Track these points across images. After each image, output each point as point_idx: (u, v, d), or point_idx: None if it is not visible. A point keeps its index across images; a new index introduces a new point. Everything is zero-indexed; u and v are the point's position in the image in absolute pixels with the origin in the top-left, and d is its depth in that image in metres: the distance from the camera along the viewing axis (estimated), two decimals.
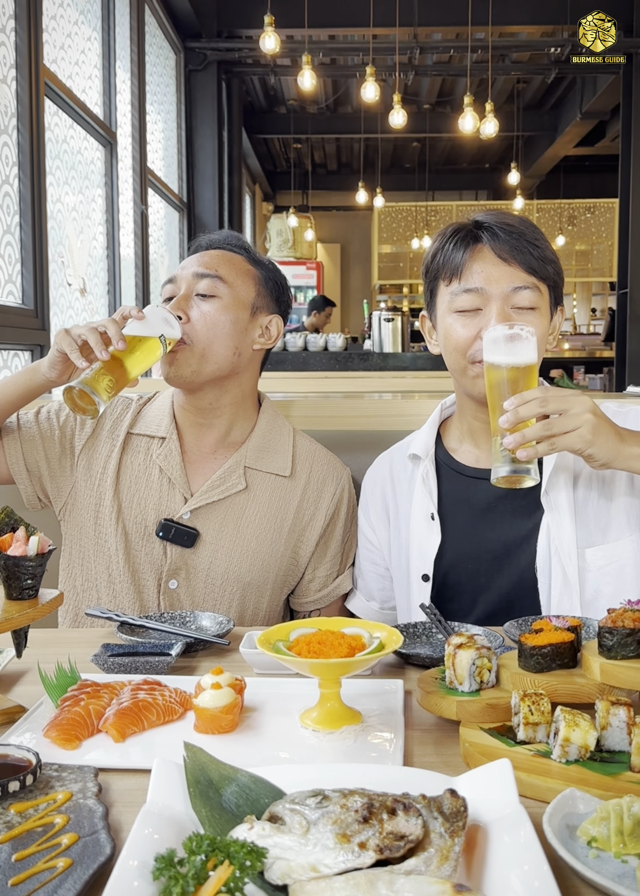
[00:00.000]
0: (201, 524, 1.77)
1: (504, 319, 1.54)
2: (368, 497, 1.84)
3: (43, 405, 1.88)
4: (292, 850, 0.78)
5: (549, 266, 1.60)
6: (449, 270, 1.61)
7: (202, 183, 8.98)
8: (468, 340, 1.58)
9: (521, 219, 1.64)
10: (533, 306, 1.57)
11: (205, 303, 1.76)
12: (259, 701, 1.21)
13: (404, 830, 0.78)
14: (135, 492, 1.79)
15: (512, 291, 1.56)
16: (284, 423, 1.92)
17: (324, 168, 15.90)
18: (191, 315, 1.74)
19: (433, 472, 1.73)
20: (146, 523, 1.77)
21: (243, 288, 1.81)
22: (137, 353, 1.58)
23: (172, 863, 0.73)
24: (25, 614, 1.13)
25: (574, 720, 0.97)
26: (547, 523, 1.61)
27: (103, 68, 6.06)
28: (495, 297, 1.56)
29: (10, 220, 4.31)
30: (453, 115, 9.80)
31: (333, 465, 1.89)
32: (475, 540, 1.67)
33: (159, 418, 1.85)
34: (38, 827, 0.87)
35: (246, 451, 1.82)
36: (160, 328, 1.62)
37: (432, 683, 1.16)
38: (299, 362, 9.16)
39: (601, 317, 14.86)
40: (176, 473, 1.78)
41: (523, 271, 1.57)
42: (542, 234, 1.64)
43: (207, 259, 1.80)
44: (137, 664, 1.31)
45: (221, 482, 1.78)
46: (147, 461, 1.81)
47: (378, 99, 7.48)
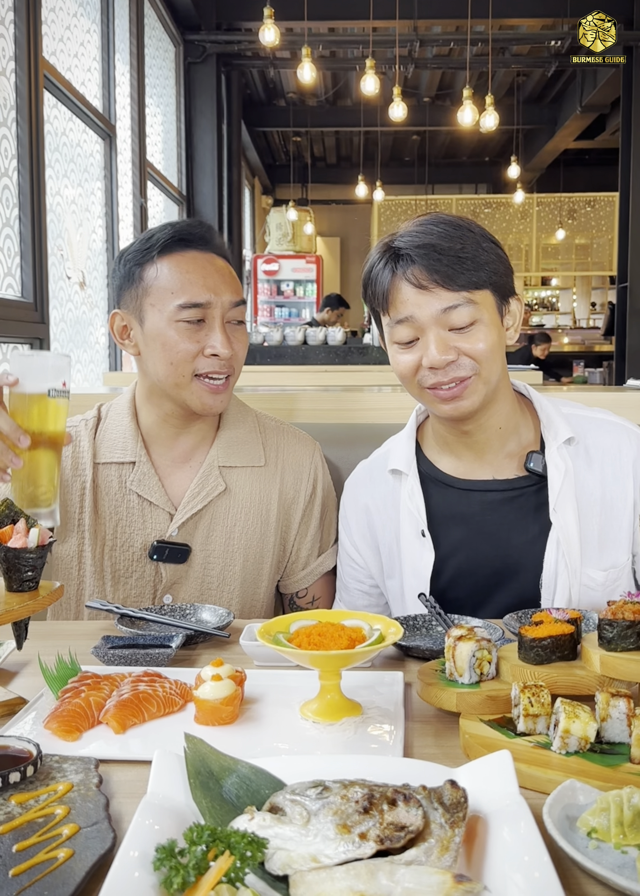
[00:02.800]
0: (190, 536, 1.75)
1: (443, 348, 1.50)
2: (349, 517, 1.78)
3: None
4: (293, 840, 0.78)
5: (481, 272, 1.51)
6: (379, 302, 1.58)
7: (201, 176, 8.96)
8: (412, 369, 1.55)
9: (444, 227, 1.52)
10: (472, 321, 1.50)
11: (239, 331, 1.73)
12: (259, 693, 1.21)
13: (404, 821, 0.78)
14: (116, 522, 1.76)
15: (443, 313, 1.50)
16: (247, 409, 1.89)
17: (323, 161, 15.87)
18: (233, 345, 1.70)
19: (419, 486, 1.68)
20: (133, 549, 1.75)
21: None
22: (47, 425, 1.33)
23: (173, 853, 0.73)
24: (26, 606, 1.13)
25: (574, 712, 0.97)
26: (557, 539, 1.59)
27: (102, 61, 6.04)
28: (427, 325, 1.51)
29: (9, 212, 4.30)
30: (453, 108, 9.78)
31: (303, 442, 1.88)
32: (472, 555, 1.64)
33: (123, 441, 1.78)
34: (39, 818, 0.87)
35: (217, 450, 1.79)
36: (44, 381, 1.33)
37: (432, 675, 1.16)
38: (299, 356, 9.15)
39: (601, 311, 14.86)
40: (155, 495, 1.74)
41: (447, 291, 1.49)
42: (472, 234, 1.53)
43: (229, 280, 1.72)
44: (138, 656, 1.31)
45: (200, 489, 1.75)
46: (122, 489, 1.76)
47: (378, 92, 7.47)
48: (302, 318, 13.20)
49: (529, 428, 1.68)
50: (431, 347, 1.50)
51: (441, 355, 1.50)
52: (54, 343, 4.92)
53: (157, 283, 1.67)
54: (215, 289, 1.68)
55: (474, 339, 1.51)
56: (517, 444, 1.66)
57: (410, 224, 1.57)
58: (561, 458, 1.61)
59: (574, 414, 1.68)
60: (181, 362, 1.67)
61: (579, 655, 1.14)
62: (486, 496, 1.64)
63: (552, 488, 1.59)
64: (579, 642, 1.15)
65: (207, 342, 1.67)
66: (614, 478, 1.62)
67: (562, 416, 1.66)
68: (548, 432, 1.64)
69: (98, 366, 5.93)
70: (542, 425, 1.66)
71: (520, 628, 1.14)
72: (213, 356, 1.67)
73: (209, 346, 1.67)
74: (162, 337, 1.67)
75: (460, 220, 1.56)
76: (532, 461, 1.62)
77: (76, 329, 5.44)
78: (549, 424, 1.65)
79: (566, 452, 1.62)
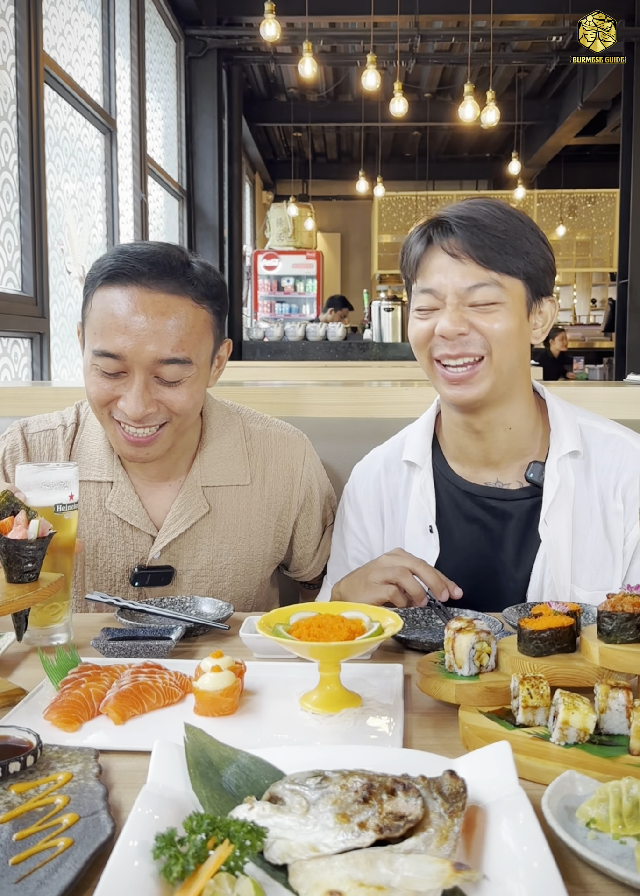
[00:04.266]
0: (175, 557, 1.68)
1: (457, 319, 1.48)
2: (359, 498, 1.75)
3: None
4: (292, 829, 0.78)
5: (518, 260, 1.49)
6: (410, 269, 1.57)
7: (202, 171, 8.96)
8: (425, 337, 1.53)
9: (492, 208, 1.52)
10: (493, 302, 1.48)
11: (176, 389, 1.53)
12: (259, 684, 1.21)
13: (403, 810, 0.78)
14: (96, 542, 1.68)
15: (467, 290, 1.49)
16: (232, 417, 1.77)
17: (324, 157, 15.85)
18: (161, 400, 1.52)
19: (431, 482, 1.66)
20: (115, 570, 1.68)
21: (205, 352, 1.58)
22: (57, 541, 1.31)
23: (173, 842, 0.73)
24: (26, 597, 1.13)
25: (573, 703, 0.97)
26: (544, 555, 1.57)
27: (103, 55, 6.03)
28: (447, 296, 1.50)
29: (9, 207, 4.30)
30: (454, 103, 9.76)
31: (291, 444, 1.78)
32: (473, 557, 1.63)
33: (99, 458, 1.68)
34: (38, 807, 0.87)
35: (199, 468, 1.69)
36: (50, 496, 1.34)
37: (431, 667, 1.16)
38: (299, 352, 9.17)
39: (601, 307, 14.86)
40: (136, 517, 1.66)
41: (478, 267, 1.48)
42: (520, 223, 1.52)
43: (164, 330, 1.48)
44: (138, 648, 1.31)
45: (182, 510, 1.66)
46: (101, 509, 1.67)
47: (379, 87, 7.47)
48: (302, 313, 13.20)
49: (540, 434, 1.64)
50: (446, 317, 1.50)
51: (454, 325, 1.49)
52: (54, 338, 4.92)
53: (90, 315, 1.55)
54: (136, 343, 1.47)
55: (492, 318, 1.49)
56: (526, 448, 1.63)
57: (450, 206, 1.57)
58: (559, 470, 1.58)
59: (589, 426, 1.63)
60: (96, 403, 1.55)
61: (578, 648, 1.14)
62: (488, 502, 1.63)
63: (544, 501, 1.57)
64: (578, 635, 1.15)
65: (122, 392, 1.51)
66: (613, 497, 1.58)
67: (574, 426, 1.61)
68: (554, 441, 1.60)
69: None
70: (550, 433, 1.62)
71: (519, 620, 1.14)
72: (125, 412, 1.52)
73: (123, 398, 1.51)
74: (85, 374, 1.57)
75: (513, 209, 1.56)
76: (532, 471, 1.60)
77: (76, 324, 5.44)
78: (556, 433, 1.61)
79: (569, 465, 1.59)
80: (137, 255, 1.52)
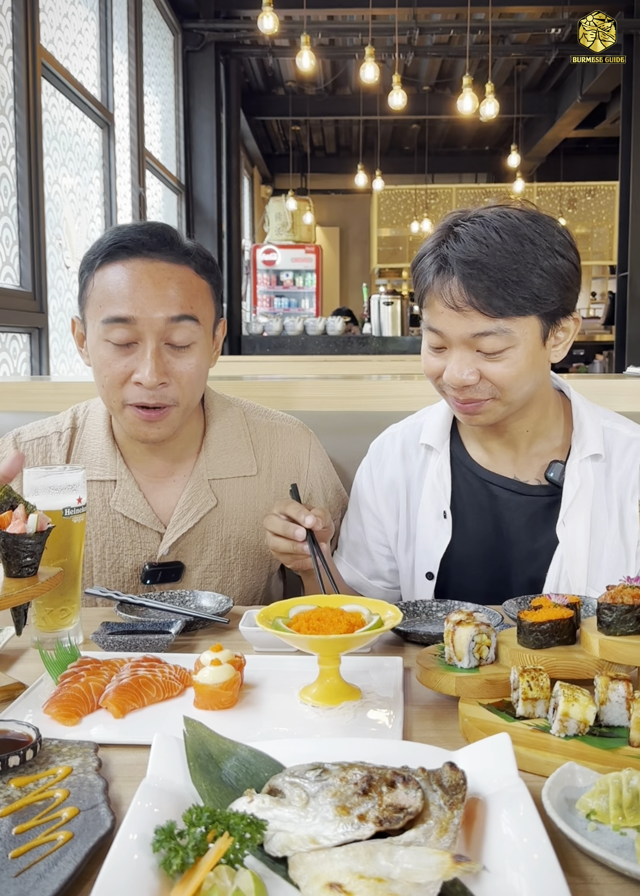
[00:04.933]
0: (184, 553, 1.68)
1: (464, 369, 1.45)
2: (375, 476, 1.73)
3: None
4: (292, 822, 0.78)
5: (529, 299, 1.41)
6: (418, 299, 1.53)
7: (200, 165, 8.94)
8: (436, 373, 1.52)
9: (506, 235, 1.41)
10: (503, 348, 1.43)
11: (184, 356, 1.55)
12: (259, 678, 1.21)
13: (403, 803, 0.78)
14: (103, 543, 1.67)
15: (473, 337, 1.43)
16: (234, 410, 1.77)
17: (323, 151, 15.82)
18: (171, 372, 1.54)
19: (448, 468, 1.65)
20: (124, 570, 1.68)
21: (209, 318, 1.61)
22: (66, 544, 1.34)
23: (172, 835, 0.73)
24: (25, 591, 1.13)
25: (573, 695, 0.97)
26: (561, 556, 1.56)
27: (100, 49, 6.02)
28: (454, 343, 1.46)
29: (7, 202, 4.29)
30: (453, 97, 9.73)
31: (296, 436, 1.78)
32: (486, 545, 1.62)
33: (101, 457, 1.67)
34: (38, 801, 0.87)
35: (205, 461, 1.69)
36: (59, 500, 1.34)
37: (431, 660, 1.16)
38: (298, 346, 9.16)
39: (601, 300, 14.81)
40: (142, 515, 1.65)
41: (482, 316, 1.41)
42: (533, 245, 1.41)
43: (171, 293, 1.52)
44: (137, 642, 1.31)
45: (189, 505, 1.66)
46: (106, 508, 1.67)
47: (377, 80, 7.44)
48: (301, 308, 13.19)
49: (562, 433, 1.63)
50: (452, 366, 1.47)
51: (461, 377, 1.46)
52: (53, 333, 4.92)
53: (93, 294, 1.56)
54: (145, 303, 1.50)
55: (501, 364, 1.45)
56: (546, 447, 1.62)
57: (476, 215, 1.45)
58: (580, 472, 1.56)
59: (612, 428, 1.61)
60: (109, 387, 1.55)
61: (578, 640, 1.14)
62: (504, 493, 1.62)
63: (563, 503, 1.56)
64: (578, 627, 1.14)
65: (136, 366, 1.53)
66: (631, 501, 1.56)
67: (598, 429, 1.59)
68: (576, 443, 1.59)
69: None
70: (573, 434, 1.60)
71: (519, 613, 1.14)
72: (138, 384, 1.52)
73: (136, 371, 1.52)
74: (94, 355, 1.57)
75: (529, 226, 1.43)
76: (553, 470, 1.58)
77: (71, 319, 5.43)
78: (579, 434, 1.59)
79: (590, 467, 1.57)
80: (135, 229, 1.56)
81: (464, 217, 1.47)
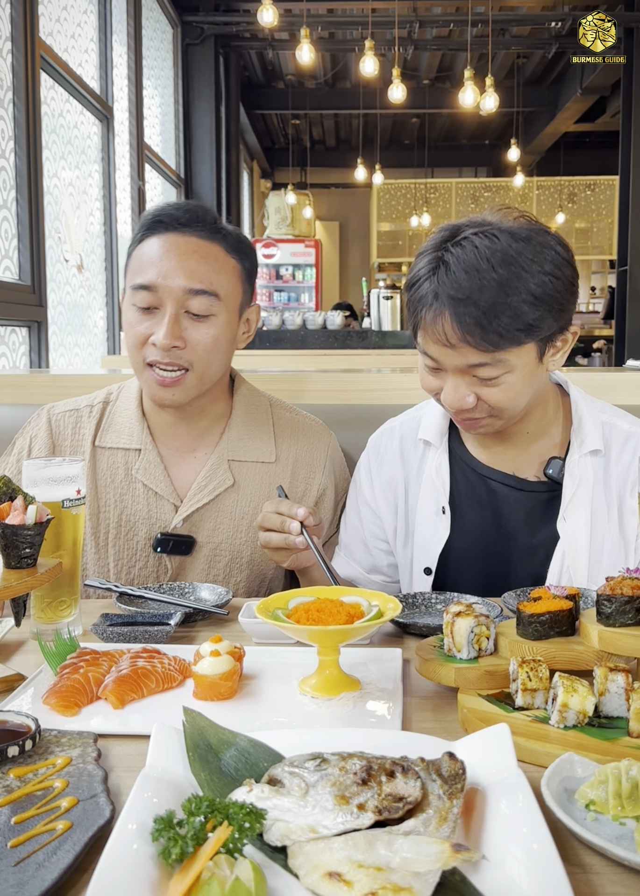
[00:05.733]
0: (196, 528, 1.72)
1: (461, 393, 1.45)
2: (373, 472, 1.74)
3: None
4: (291, 811, 0.78)
5: (523, 329, 1.38)
6: (412, 324, 1.50)
7: (200, 159, 8.92)
8: (435, 390, 1.51)
9: (497, 262, 1.37)
10: (499, 375, 1.42)
11: (202, 325, 1.63)
12: (258, 669, 1.21)
13: (402, 792, 0.78)
14: (122, 510, 1.73)
15: (469, 367, 1.42)
16: (261, 399, 1.83)
17: (322, 144, 15.80)
18: (187, 338, 1.62)
19: (447, 463, 1.65)
20: (138, 538, 1.72)
21: (234, 295, 1.68)
22: (65, 535, 1.35)
23: (171, 824, 0.73)
24: (24, 583, 1.12)
25: (573, 686, 0.97)
26: (563, 552, 1.56)
27: (100, 42, 6.00)
28: (449, 370, 1.46)
29: (6, 195, 4.28)
30: (453, 90, 9.73)
31: (318, 436, 1.83)
32: (484, 541, 1.62)
33: (129, 427, 1.75)
34: (37, 791, 0.87)
35: (227, 442, 1.75)
36: (58, 491, 1.34)
37: (430, 651, 1.16)
38: (297, 340, 9.14)
39: (601, 295, 14.80)
40: (161, 485, 1.71)
41: (475, 351, 1.39)
42: (526, 273, 1.37)
43: (193, 265, 1.61)
44: (137, 633, 1.31)
45: (207, 482, 1.72)
46: (128, 477, 1.73)
47: (377, 73, 7.42)
48: (301, 302, 13.17)
49: (560, 429, 1.63)
50: (448, 392, 1.46)
51: (458, 402, 1.46)
52: (52, 326, 4.91)
53: (130, 263, 1.68)
54: (167, 273, 1.60)
55: (498, 389, 1.44)
56: (545, 444, 1.62)
57: (466, 238, 1.40)
58: (580, 468, 1.56)
59: (611, 423, 1.61)
60: (132, 347, 1.65)
61: (577, 631, 1.14)
62: (503, 488, 1.62)
63: (564, 498, 1.56)
64: (577, 618, 1.14)
65: (154, 329, 1.62)
66: (630, 496, 1.56)
67: (598, 424, 1.59)
68: (576, 439, 1.58)
69: (97, 349, 5.92)
70: (572, 429, 1.60)
71: (518, 604, 1.14)
72: (154, 345, 1.61)
73: (154, 335, 1.62)
74: (124, 319, 1.68)
75: (520, 252, 1.38)
76: (551, 467, 1.58)
77: (74, 312, 5.43)
78: (579, 430, 1.59)
79: (589, 463, 1.57)
80: (173, 206, 1.69)
81: (454, 238, 1.42)
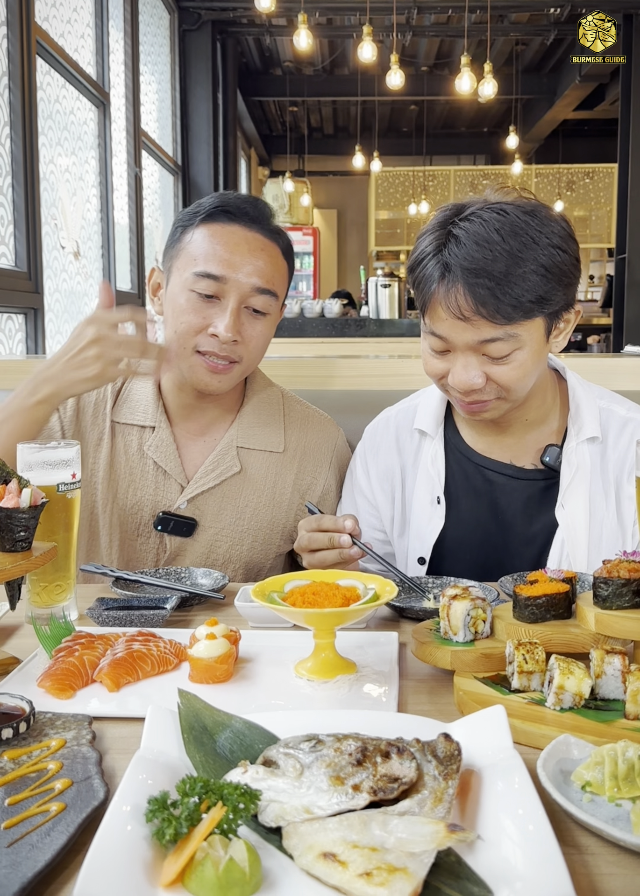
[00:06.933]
0: (199, 511, 1.73)
1: (471, 374, 1.44)
2: (369, 461, 1.74)
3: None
4: (286, 792, 0.78)
5: (535, 301, 1.39)
6: (419, 303, 1.49)
7: (197, 146, 8.87)
8: (439, 375, 1.51)
9: (507, 235, 1.37)
10: (510, 351, 1.43)
11: (258, 323, 1.66)
12: (254, 653, 1.20)
13: (397, 773, 0.78)
14: (129, 483, 1.74)
15: (480, 343, 1.42)
16: (273, 390, 1.85)
17: (320, 132, 15.72)
18: (243, 333, 1.63)
19: (442, 453, 1.65)
20: (142, 514, 1.73)
21: (282, 297, 1.72)
22: (61, 520, 1.34)
23: (166, 805, 0.73)
24: (19, 566, 1.12)
25: (569, 668, 0.97)
26: (562, 539, 1.55)
27: (96, 27, 5.96)
28: (460, 348, 1.45)
29: (1, 181, 4.25)
30: (452, 77, 9.64)
31: (326, 430, 1.85)
32: (481, 530, 1.61)
33: (145, 405, 1.76)
34: (31, 773, 0.86)
35: (237, 429, 1.77)
36: (53, 475, 1.33)
37: (426, 634, 1.16)
38: (295, 328, 9.13)
39: (599, 283, 14.77)
40: (171, 464, 1.73)
41: (489, 324, 1.39)
42: (536, 245, 1.38)
43: (262, 264, 1.64)
44: (132, 617, 1.31)
45: (214, 466, 1.73)
46: (140, 452, 1.74)
47: (375, 60, 7.38)
48: (299, 290, 13.13)
49: (557, 416, 1.62)
50: (458, 371, 1.45)
51: (468, 382, 1.45)
52: (49, 313, 4.89)
53: (188, 247, 1.65)
54: (237, 266, 1.61)
55: (508, 367, 1.44)
56: (543, 432, 1.61)
57: (474, 213, 1.41)
58: (577, 455, 1.56)
59: (608, 409, 1.60)
60: (184, 333, 1.63)
61: (573, 614, 1.13)
62: (500, 477, 1.61)
63: (562, 485, 1.55)
64: (573, 601, 1.14)
65: (213, 320, 1.62)
66: (628, 482, 1.55)
67: (595, 410, 1.59)
68: (573, 426, 1.58)
69: None
70: (569, 416, 1.60)
71: (515, 587, 1.14)
72: (213, 336, 1.61)
73: (213, 325, 1.61)
74: (174, 302, 1.65)
75: (528, 223, 1.39)
76: (548, 454, 1.58)
77: (71, 300, 5.40)
78: (576, 417, 1.58)
79: (586, 449, 1.57)
80: (239, 198, 1.70)
81: (461, 214, 1.42)
